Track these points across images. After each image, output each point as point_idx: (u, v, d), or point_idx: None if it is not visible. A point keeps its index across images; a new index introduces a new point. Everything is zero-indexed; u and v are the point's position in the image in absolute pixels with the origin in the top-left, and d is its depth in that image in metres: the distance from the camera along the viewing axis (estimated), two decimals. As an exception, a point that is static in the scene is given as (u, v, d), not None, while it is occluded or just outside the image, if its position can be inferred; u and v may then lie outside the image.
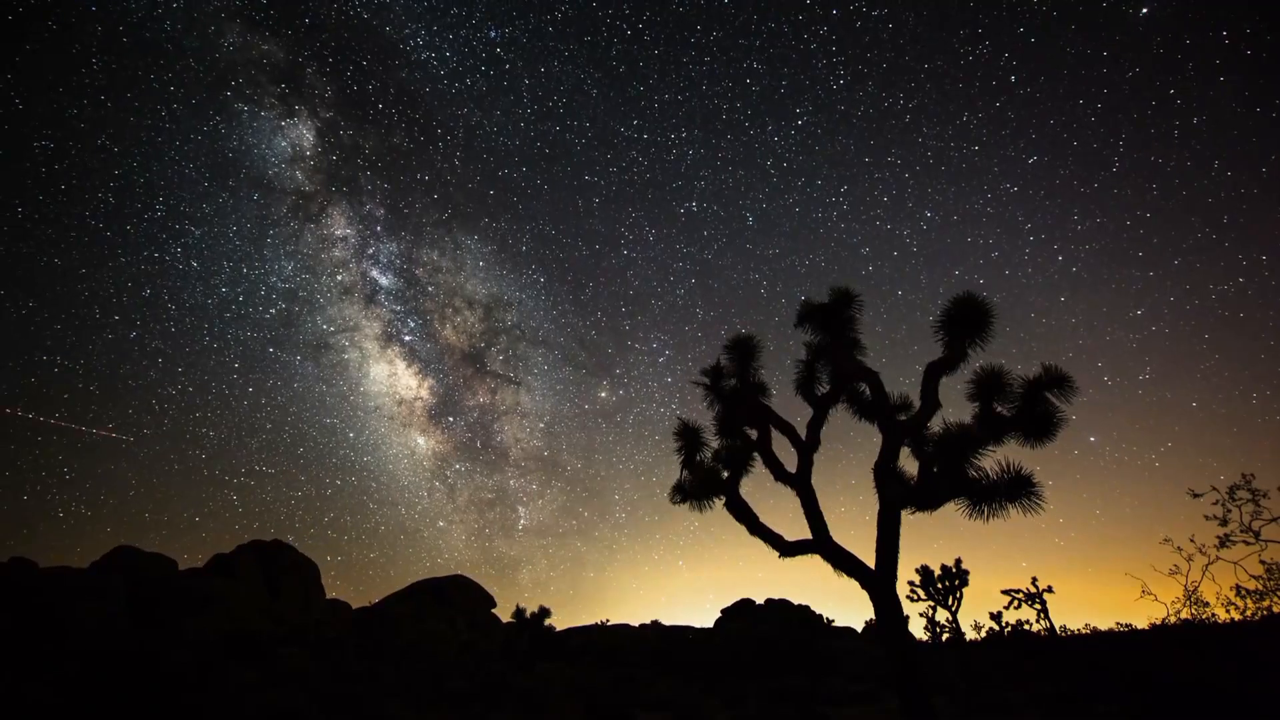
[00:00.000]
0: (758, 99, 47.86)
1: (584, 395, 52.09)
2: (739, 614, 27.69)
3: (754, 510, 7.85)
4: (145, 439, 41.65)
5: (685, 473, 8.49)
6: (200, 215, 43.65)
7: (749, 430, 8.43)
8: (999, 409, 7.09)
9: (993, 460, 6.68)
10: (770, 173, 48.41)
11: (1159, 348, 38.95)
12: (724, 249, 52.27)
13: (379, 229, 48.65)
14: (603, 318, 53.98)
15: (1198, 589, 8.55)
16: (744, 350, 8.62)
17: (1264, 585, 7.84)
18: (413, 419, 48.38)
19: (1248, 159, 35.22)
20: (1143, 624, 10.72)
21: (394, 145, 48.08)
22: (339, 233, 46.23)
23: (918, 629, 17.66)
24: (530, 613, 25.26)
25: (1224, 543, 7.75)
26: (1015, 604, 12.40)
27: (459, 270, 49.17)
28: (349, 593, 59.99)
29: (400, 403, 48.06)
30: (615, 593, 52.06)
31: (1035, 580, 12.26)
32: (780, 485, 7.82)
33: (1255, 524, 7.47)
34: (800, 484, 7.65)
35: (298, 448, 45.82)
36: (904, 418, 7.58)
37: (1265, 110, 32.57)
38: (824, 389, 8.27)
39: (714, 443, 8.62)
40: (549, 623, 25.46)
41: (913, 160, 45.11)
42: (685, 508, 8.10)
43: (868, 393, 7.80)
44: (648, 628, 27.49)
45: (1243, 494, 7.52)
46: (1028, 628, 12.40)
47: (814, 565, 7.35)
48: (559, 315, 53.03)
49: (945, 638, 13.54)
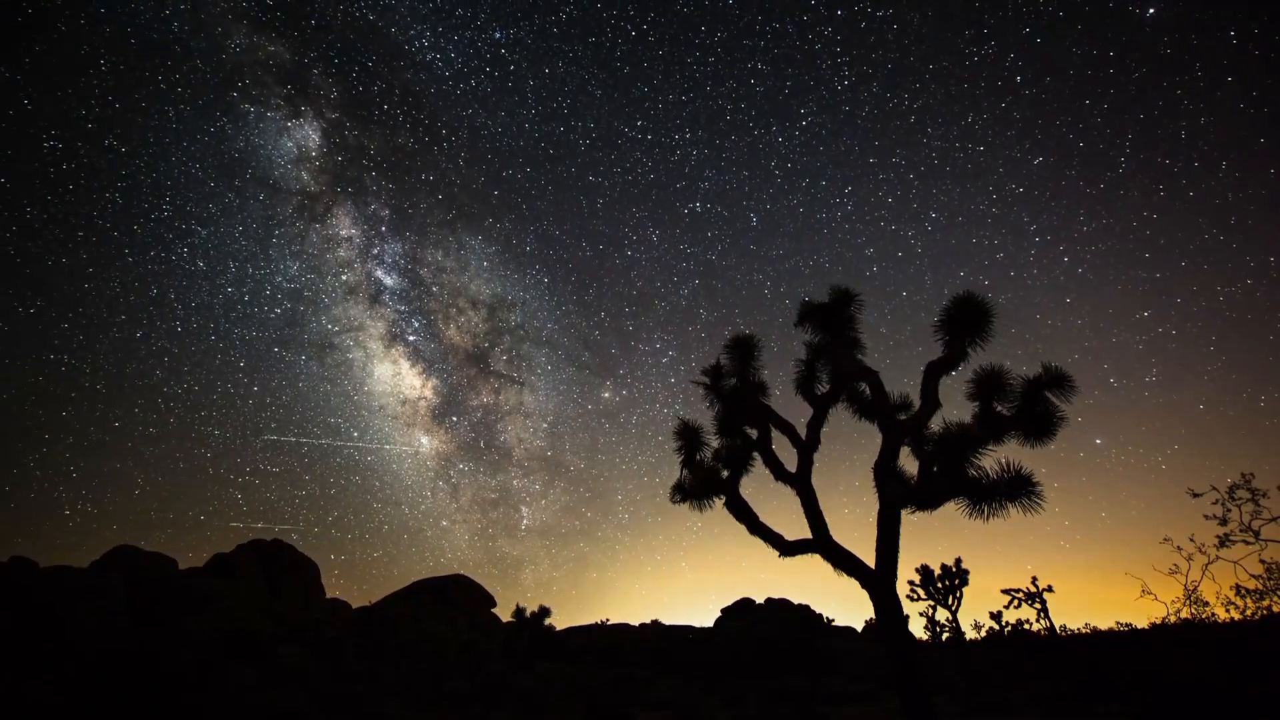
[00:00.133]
0: (762, 99, 47.73)
1: (587, 395, 51.99)
2: (739, 613, 27.69)
3: (754, 510, 7.86)
4: (150, 437, 41.69)
5: (685, 472, 8.49)
6: (207, 215, 43.73)
7: (749, 430, 8.43)
8: (999, 408, 7.09)
9: (993, 460, 6.70)
10: (774, 173, 48.18)
11: (1165, 350, 38.64)
12: (728, 249, 52.00)
13: (384, 229, 48.57)
14: (606, 318, 53.89)
15: (1197, 588, 8.55)
16: (744, 350, 8.62)
17: (1264, 585, 7.83)
18: (417, 419, 48.36)
19: (1255, 160, 35.03)
20: (1142, 623, 10.72)
21: (399, 146, 47.97)
22: (344, 233, 46.20)
23: (918, 628, 17.65)
24: (530, 612, 25.30)
25: (1224, 542, 7.74)
26: (1015, 603, 12.41)
27: (463, 270, 49.07)
28: (353, 592, 60.11)
29: (404, 403, 48.06)
30: (618, 593, 52.08)
31: (1035, 580, 12.28)
32: (781, 485, 7.84)
33: (1255, 523, 7.46)
34: (800, 483, 7.65)
35: (302, 447, 45.84)
36: (904, 417, 7.58)
37: (1273, 111, 32.37)
38: (824, 388, 8.27)
39: (714, 442, 8.63)
40: (549, 622, 25.51)
41: (917, 161, 44.91)
42: (686, 508, 8.12)
43: (867, 392, 7.81)
44: (648, 627, 27.50)
45: (1242, 493, 7.51)
46: (1028, 627, 12.40)
47: (814, 565, 7.35)
48: (562, 315, 52.92)
49: (945, 637, 13.56)
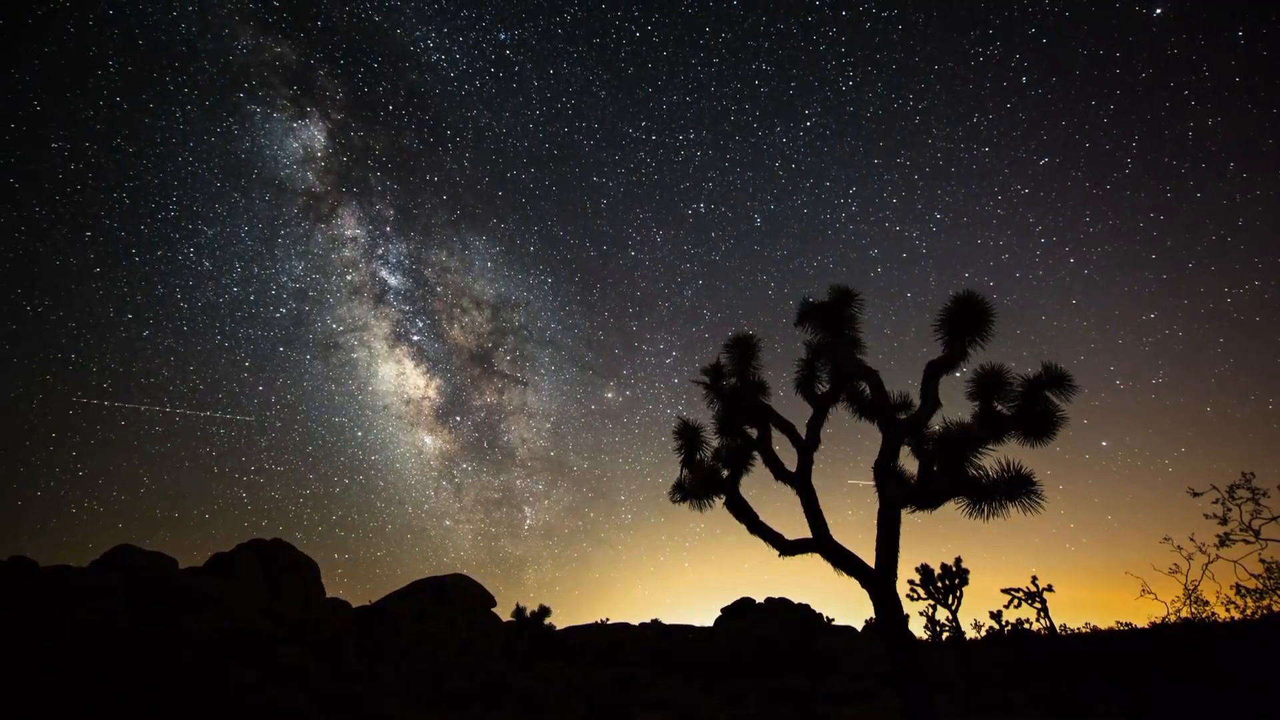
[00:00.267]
0: (766, 100, 47.44)
1: (591, 396, 51.92)
2: (739, 613, 27.69)
3: (755, 509, 7.85)
4: (156, 436, 41.78)
5: (685, 471, 8.49)
6: (213, 215, 43.77)
7: (749, 429, 8.43)
8: (999, 408, 7.08)
9: (993, 459, 6.70)
10: (779, 174, 47.99)
11: (1172, 351, 38.25)
12: (732, 250, 51.82)
13: (388, 229, 48.57)
14: (610, 318, 53.72)
15: (1198, 588, 8.56)
16: (744, 349, 8.62)
17: (1264, 584, 7.83)
18: (420, 418, 48.34)
19: (1263, 161, 34.82)
20: (1143, 623, 10.72)
21: (404, 146, 48.02)
22: (349, 233, 46.22)
23: (918, 628, 17.67)
24: (530, 612, 25.30)
25: (1224, 541, 7.74)
26: (1015, 603, 12.40)
27: (467, 271, 49.08)
28: (357, 591, 60.10)
29: (408, 402, 47.96)
30: (621, 593, 52.09)
31: (1035, 579, 12.26)
32: (783, 485, 7.83)
33: (1255, 523, 7.46)
34: (800, 483, 7.65)
35: (307, 446, 45.89)
36: (904, 417, 7.58)
37: (1281, 111, 32.37)
38: (824, 388, 8.27)
39: (714, 441, 8.63)
40: (548, 622, 25.51)
41: (922, 161, 44.71)
42: (687, 508, 8.12)
43: (867, 391, 7.80)
44: (647, 626, 27.50)
45: (1243, 493, 7.51)
46: (1028, 627, 12.40)
47: (815, 564, 7.35)
48: (566, 316, 52.78)
49: (945, 637, 13.55)
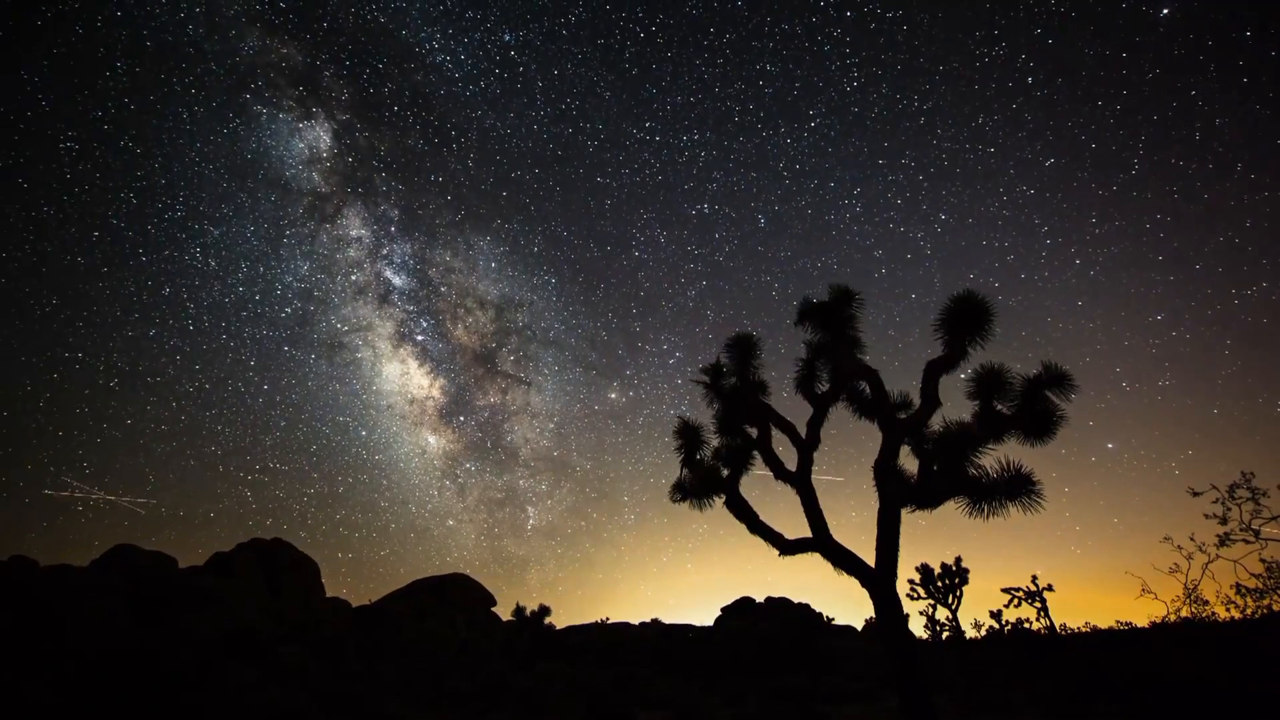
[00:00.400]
0: (770, 101, 47.48)
1: (594, 396, 52.07)
2: (739, 612, 27.70)
3: (754, 509, 7.85)
4: (162, 435, 41.99)
5: (685, 471, 8.49)
6: (219, 215, 44.12)
7: (749, 428, 8.42)
8: (999, 407, 7.08)
9: (993, 459, 6.70)
10: (783, 174, 48.01)
11: (1179, 353, 38.15)
12: (735, 251, 51.97)
13: (393, 230, 48.87)
14: (613, 319, 53.79)
15: (1198, 587, 8.56)
16: (744, 348, 8.62)
17: (1264, 583, 7.84)
18: (424, 418, 48.60)
19: (1271, 161, 34.64)
20: (1143, 622, 10.72)
21: (409, 147, 48.24)
22: (354, 233, 46.48)
23: (918, 627, 17.67)
24: (530, 611, 25.31)
25: (1224, 541, 7.75)
26: (1015, 602, 12.39)
27: (471, 271, 49.33)
28: (360, 590, 60.29)
29: (412, 402, 48.25)
30: (623, 594, 52.18)
31: (1035, 578, 12.26)
32: (785, 485, 7.82)
33: (1255, 522, 7.47)
34: (800, 482, 7.65)
35: (311, 445, 46.13)
36: (904, 416, 7.58)
37: (1289, 111, 32.24)
38: (824, 387, 8.27)
39: (715, 441, 8.63)
40: (548, 621, 25.52)
41: (927, 162, 44.59)
42: (688, 507, 8.12)
43: (868, 391, 7.80)
44: (648, 626, 27.51)
45: (1242, 492, 7.52)
46: (1028, 626, 12.40)
47: (815, 564, 7.35)
48: (570, 316, 53.01)
49: (945, 636, 13.55)
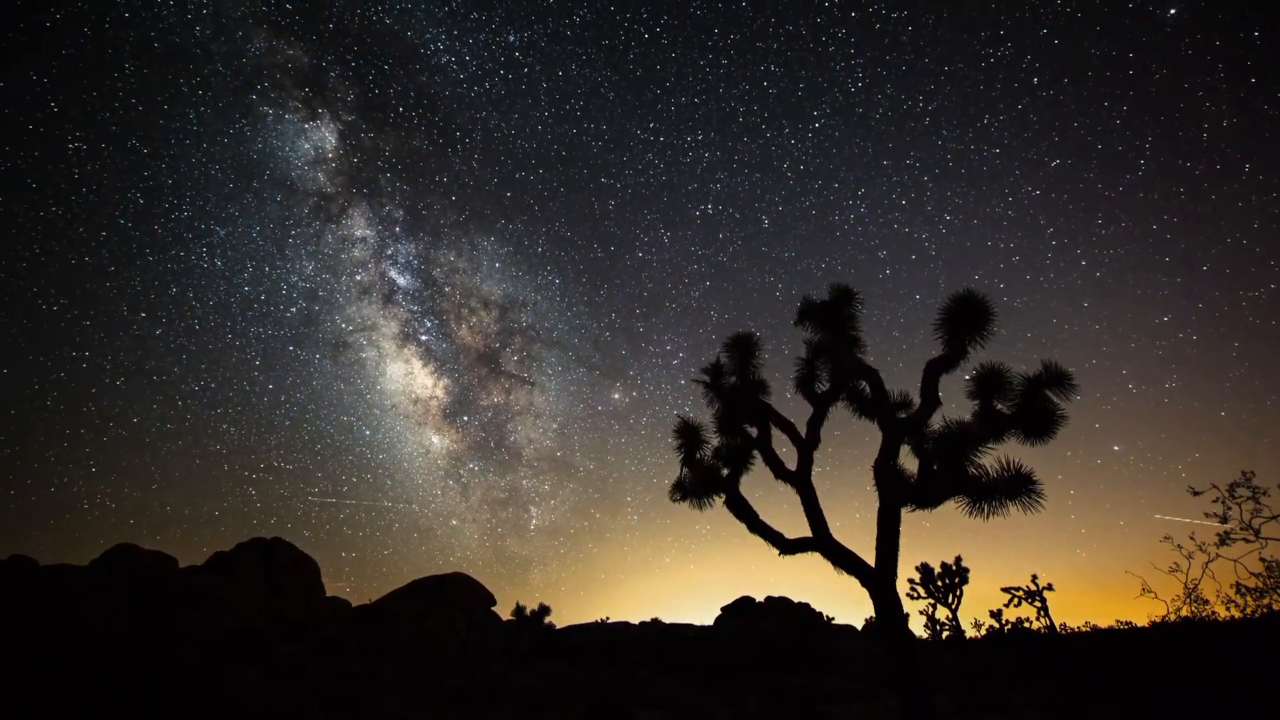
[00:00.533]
0: (774, 101, 47.44)
1: (597, 396, 52.13)
2: (739, 612, 27.70)
3: (754, 508, 7.85)
4: (168, 433, 42.24)
5: (685, 470, 8.49)
6: (225, 216, 44.35)
7: (749, 428, 8.42)
8: (999, 406, 7.08)
9: (993, 458, 6.69)
10: (787, 175, 47.92)
11: (1186, 355, 37.87)
12: (739, 251, 52.00)
13: (398, 230, 49.05)
14: (617, 319, 53.91)
15: (1198, 587, 8.56)
16: (744, 348, 8.62)
17: (1264, 583, 7.84)
18: (428, 418, 48.68)
19: (1279, 162, 34.47)
20: (1143, 622, 10.72)
21: (413, 148, 48.38)
22: (359, 233, 46.69)
23: (918, 627, 17.69)
24: (530, 610, 25.30)
25: (1224, 540, 7.76)
26: (1015, 602, 12.40)
27: (475, 271, 49.42)
28: (363, 589, 60.43)
29: (416, 401, 48.34)
30: (626, 594, 52.24)
31: (1035, 578, 12.26)
32: (786, 485, 7.82)
33: (1255, 521, 7.48)
34: (800, 482, 7.64)
35: (315, 444, 46.33)
36: (904, 415, 7.57)
37: (1297, 112, 32.04)
38: (824, 387, 8.27)
39: (715, 440, 8.62)
40: (548, 620, 25.52)
41: (932, 163, 44.52)
42: (688, 507, 8.11)
43: (868, 390, 7.79)
44: (648, 625, 27.49)
45: (1243, 492, 7.53)
46: (1028, 626, 12.40)
47: (815, 563, 7.35)
48: (573, 316, 53.12)
49: (945, 636, 13.56)
